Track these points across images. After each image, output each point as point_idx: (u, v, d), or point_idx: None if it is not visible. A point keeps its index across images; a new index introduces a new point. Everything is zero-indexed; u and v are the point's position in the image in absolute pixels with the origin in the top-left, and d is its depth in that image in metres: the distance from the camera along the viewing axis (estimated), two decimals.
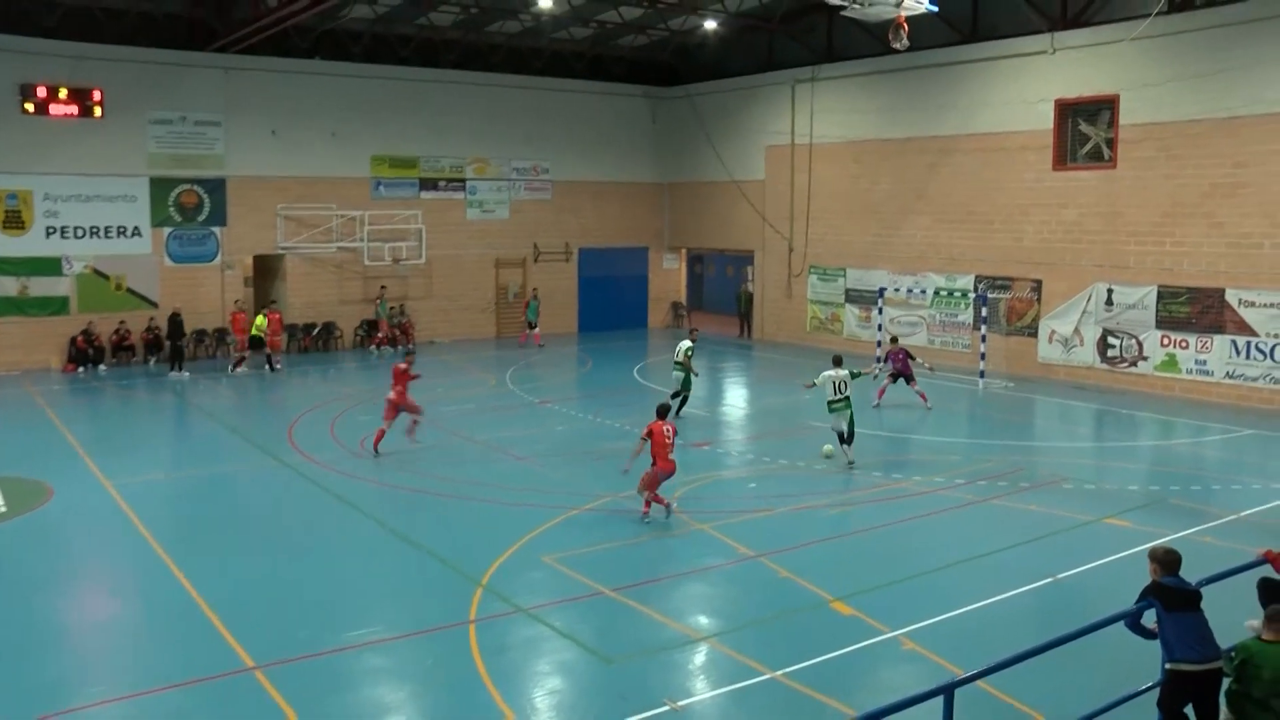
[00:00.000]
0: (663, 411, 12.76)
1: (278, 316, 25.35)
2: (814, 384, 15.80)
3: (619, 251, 33.74)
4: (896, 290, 26.25)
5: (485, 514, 12.79)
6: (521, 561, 10.98)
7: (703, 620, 9.56)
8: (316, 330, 28.32)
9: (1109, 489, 14.12)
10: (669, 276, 35.22)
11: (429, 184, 29.90)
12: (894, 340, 21.28)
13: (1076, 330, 23.14)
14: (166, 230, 25.94)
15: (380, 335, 27.55)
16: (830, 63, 28.49)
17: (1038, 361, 23.90)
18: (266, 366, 24.31)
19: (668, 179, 34.39)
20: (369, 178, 28.93)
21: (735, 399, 21.74)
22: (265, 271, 28.76)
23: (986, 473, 14.92)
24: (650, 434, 12.37)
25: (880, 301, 25.59)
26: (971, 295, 24.80)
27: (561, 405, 20.18)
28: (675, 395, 18.03)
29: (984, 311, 23.45)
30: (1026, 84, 23.78)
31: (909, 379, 20.22)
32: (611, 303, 33.02)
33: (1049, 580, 10.46)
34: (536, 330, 29.16)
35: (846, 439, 15.22)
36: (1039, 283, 23.83)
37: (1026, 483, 14.37)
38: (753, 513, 12.89)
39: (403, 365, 15.96)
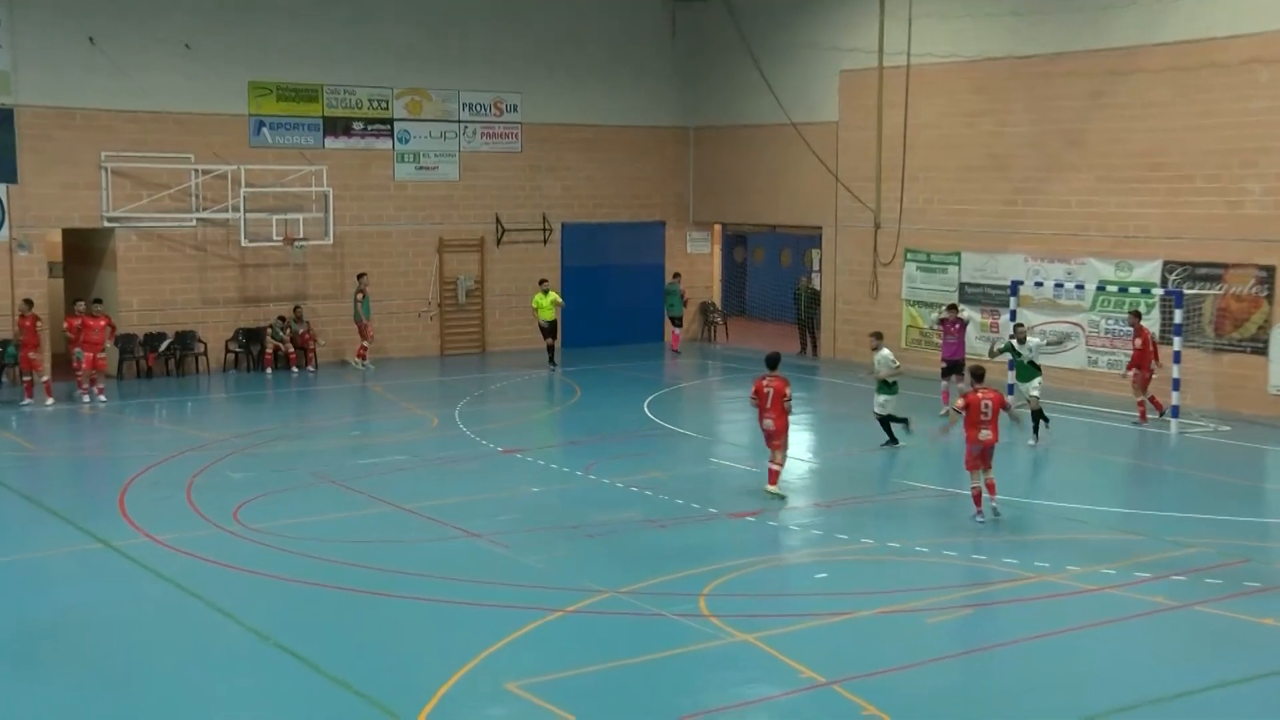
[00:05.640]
0: (979, 375, 16.45)
1: (103, 323, 25.35)
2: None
3: (622, 229, 33.84)
4: (1038, 285, 26.15)
5: (422, 619, 12.92)
6: (475, 690, 11.03)
7: None
8: (167, 344, 28.24)
9: None
10: (696, 266, 35.39)
11: (338, 127, 29.96)
12: (952, 309, 24.37)
13: None
14: None
15: (363, 346, 29.17)
16: None
17: (1267, 393, 23.83)
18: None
19: (694, 122, 34.49)
20: (246, 116, 28.86)
21: (795, 448, 20.90)
22: (84, 254, 28.64)
23: (1186, 563, 14.82)
24: (967, 405, 15.99)
25: (1014, 302, 25.44)
26: (1158, 292, 24.68)
27: (536, 455, 20.48)
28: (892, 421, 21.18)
29: (1178, 316, 23.21)
30: None
31: (958, 370, 22.74)
32: (611, 304, 32.82)
33: None
34: (680, 329, 32.00)
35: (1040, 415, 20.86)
36: (1270, 271, 23.73)
37: (1255, 581, 14.23)
38: (821, 617, 12.99)
39: None
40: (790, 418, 17.43)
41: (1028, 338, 21.96)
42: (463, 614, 12.90)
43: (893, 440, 20.78)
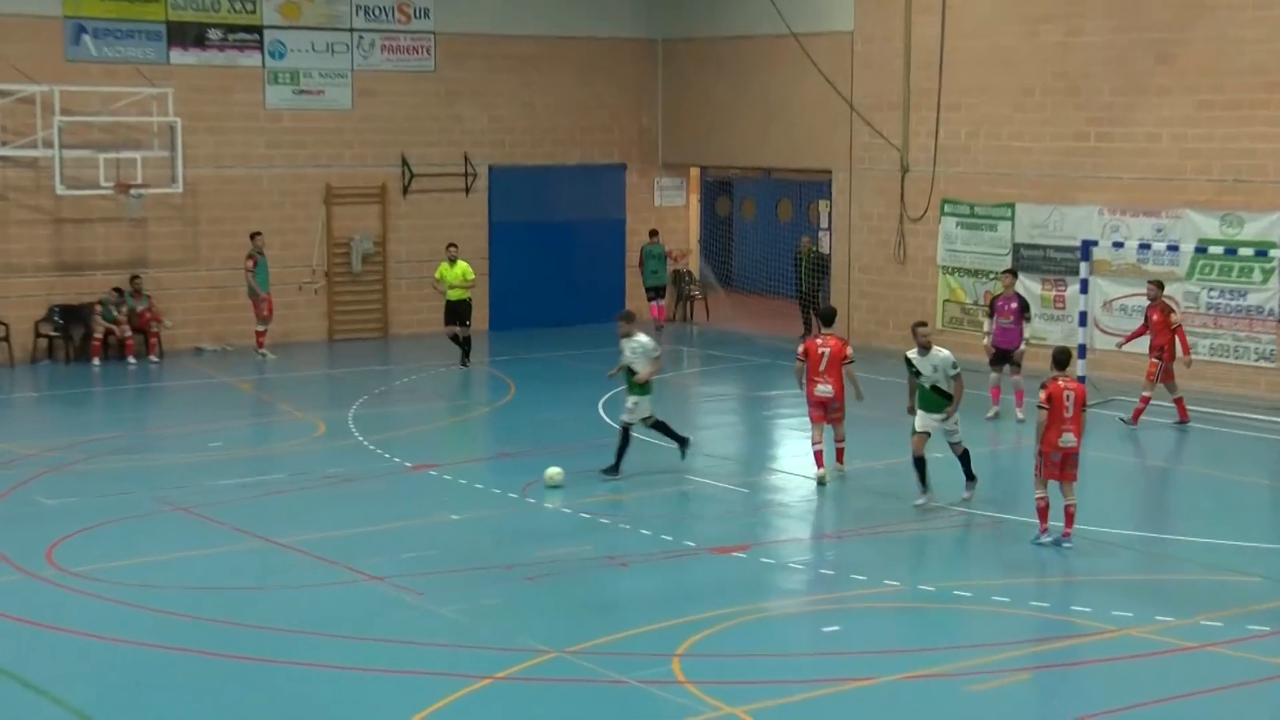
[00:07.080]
0: (1062, 360, 16.17)
1: None
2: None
3: (569, 174, 33.72)
4: (1118, 245, 25.64)
5: (306, 691, 12.75)
6: None
7: None
8: None
9: None
10: (667, 221, 35.14)
11: (188, 35, 29.54)
12: (1009, 275, 24.46)
13: None
14: None
15: (260, 330, 29.15)
16: None
17: None
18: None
19: (663, 34, 34.55)
20: (60, 18, 28.37)
21: (795, 462, 21.46)
22: None
23: None
24: (1050, 398, 15.78)
25: (1085, 269, 24.71)
26: (1276, 254, 24.34)
27: (457, 472, 20.58)
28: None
29: None
30: None
31: (1012, 360, 22.93)
32: (554, 273, 32.82)
33: None
34: (663, 301, 32.91)
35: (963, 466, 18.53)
36: None
37: None
38: (831, 684, 12.85)
39: None
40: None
41: (934, 348, 18.27)
42: (360, 683, 12.63)
43: (616, 468, 19.68)
